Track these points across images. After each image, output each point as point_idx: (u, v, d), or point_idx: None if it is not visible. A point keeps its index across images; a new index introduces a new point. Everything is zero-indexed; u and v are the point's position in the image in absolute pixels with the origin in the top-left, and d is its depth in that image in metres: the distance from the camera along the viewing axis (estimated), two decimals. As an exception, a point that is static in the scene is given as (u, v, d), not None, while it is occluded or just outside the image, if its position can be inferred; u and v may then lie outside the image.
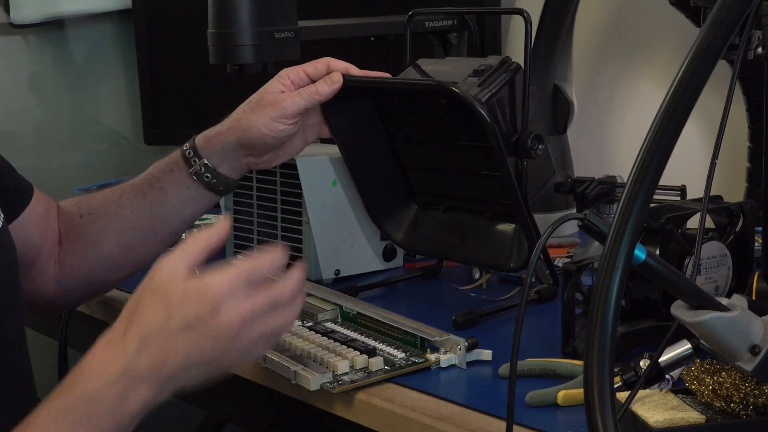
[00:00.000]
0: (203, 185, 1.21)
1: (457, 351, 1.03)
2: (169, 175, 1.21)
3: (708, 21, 0.57)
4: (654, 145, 0.56)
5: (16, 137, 2.00)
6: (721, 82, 0.83)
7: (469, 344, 1.02)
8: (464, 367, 1.02)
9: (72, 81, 2.07)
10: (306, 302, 1.18)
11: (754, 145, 1.41)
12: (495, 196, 1.21)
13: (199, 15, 1.44)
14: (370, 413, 0.96)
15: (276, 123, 1.18)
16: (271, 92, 1.19)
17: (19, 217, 1.17)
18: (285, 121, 1.18)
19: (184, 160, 1.21)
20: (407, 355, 1.04)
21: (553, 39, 1.51)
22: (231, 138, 1.20)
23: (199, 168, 1.20)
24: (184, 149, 1.22)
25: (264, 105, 1.19)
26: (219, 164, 1.21)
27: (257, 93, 1.21)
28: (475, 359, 1.03)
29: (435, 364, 1.03)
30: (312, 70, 1.21)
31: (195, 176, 1.20)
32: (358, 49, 1.67)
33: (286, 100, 1.18)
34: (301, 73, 1.21)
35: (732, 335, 0.71)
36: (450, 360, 1.03)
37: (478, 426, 0.89)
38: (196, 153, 1.21)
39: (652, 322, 1.02)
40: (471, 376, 1.01)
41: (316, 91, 1.19)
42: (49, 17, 1.99)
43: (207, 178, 1.20)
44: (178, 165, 1.21)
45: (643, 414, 0.77)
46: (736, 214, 1.08)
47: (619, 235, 0.56)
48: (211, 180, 1.20)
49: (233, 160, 1.21)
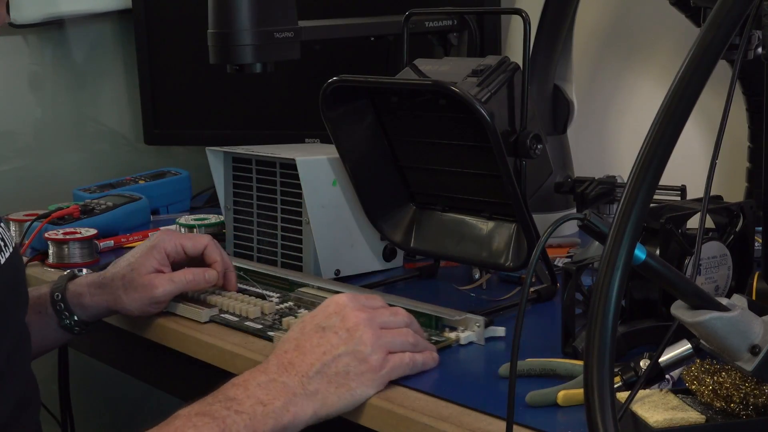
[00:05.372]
0: (68, 332, 1.24)
1: (475, 328, 1.08)
2: (36, 316, 1.22)
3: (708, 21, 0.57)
4: (654, 145, 0.56)
5: (16, 137, 2.00)
6: (721, 82, 0.83)
7: (487, 321, 1.08)
8: (482, 343, 1.08)
9: (72, 81, 2.07)
10: (310, 293, 1.22)
11: (754, 145, 1.41)
12: (494, 196, 1.21)
13: (199, 15, 1.44)
14: (370, 413, 0.96)
15: (147, 307, 1.21)
16: (145, 273, 1.20)
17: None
18: (156, 306, 1.21)
19: (54, 312, 1.23)
20: (428, 335, 1.08)
21: (553, 39, 1.51)
22: (103, 308, 1.23)
23: (69, 322, 1.23)
24: (56, 298, 1.23)
25: (137, 287, 1.20)
26: (87, 319, 1.24)
27: (131, 267, 1.21)
28: (490, 336, 1.09)
29: (455, 342, 1.07)
30: (190, 247, 1.23)
31: (63, 328, 1.24)
32: (358, 49, 1.67)
33: (158, 287, 1.19)
34: (179, 246, 1.23)
35: (732, 335, 0.71)
36: (469, 337, 1.08)
37: (478, 426, 0.88)
38: (67, 307, 1.23)
39: (652, 322, 1.02)
40: (489, 351, 1.07)
41: (190, 281, 1.21)
42: (49, 17, 1.99)
43: (76, 331, 1.24)
44: (47, 313, 1.23)
45: (643, 414, 0.77)
46: (736, 214, 1.08)
47: (619, 235, 0.56)
48: (77, 330, 1.24)
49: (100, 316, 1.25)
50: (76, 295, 1.23)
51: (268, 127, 1.88)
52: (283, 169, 1.35)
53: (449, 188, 1.27)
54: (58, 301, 1.23)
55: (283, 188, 1.36)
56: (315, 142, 1.76)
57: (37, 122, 2.04)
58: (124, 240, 1.56)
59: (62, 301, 1.23)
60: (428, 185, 1.30)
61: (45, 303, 1.23)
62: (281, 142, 1.63)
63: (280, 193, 1.36)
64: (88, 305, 1.23)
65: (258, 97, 1.88)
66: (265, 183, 1.39)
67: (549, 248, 1.37)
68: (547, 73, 1.52)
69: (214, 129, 1.94)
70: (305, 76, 1.77)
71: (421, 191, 1.31)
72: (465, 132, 1.18)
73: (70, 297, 1.23)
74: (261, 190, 1.40)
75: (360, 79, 1.21)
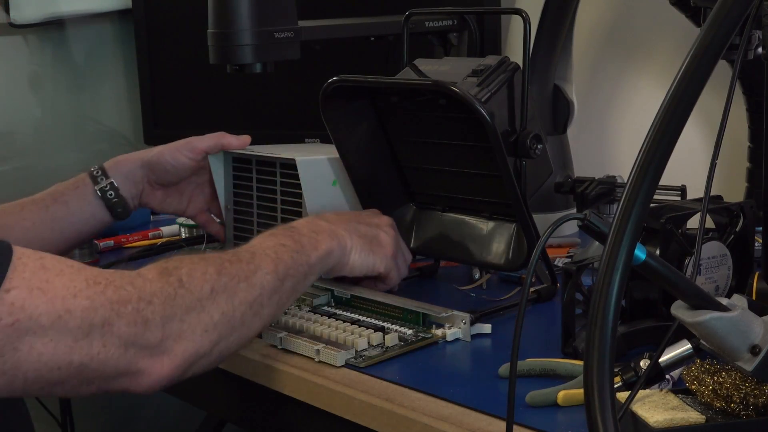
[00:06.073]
0: (104, 203, 1.34)
1: (461, 325, 1.09)
2: (74, 191, 1.34)
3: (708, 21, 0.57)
4: (654, 145, 0.56)
5: (16, 137, 2.00)
6: (721, 82, 0.83)
7: (473, 318, 1.09)
8: (468, 339, 1.08)
9: (72, 81, 2.07)
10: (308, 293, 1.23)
11: (754, 145, 1.41)
12: (494, 196, 1.21)
13: (199, 15, 1.44)
14: (370, 413, 0.96)
15: (179, 154, 1.36)
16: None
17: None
18: (188, 154, 1.37)
19: (90, 179, 1.35)
20: (414, 331, 1.10)
21: (553, 39, 1.51)
22: (137, 160, 1.37)
23: (104, 185, 1.34)
24: (92, 170, 1.36)
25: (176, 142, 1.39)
26: (122, 185, 1.35)
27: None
28: (476, 332, 1.10)
29: (442, 339, 1.08)
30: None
31: (99, 192, 1.34)
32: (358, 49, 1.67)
33: (193, 138, 1.38)
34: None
35: (732, 335, 0.71)
36: (455, 334, 1.09)
37: (478, 426, 0.88)
38: (104, 173, 1.35)
39: (652, 322, 1.02)
40: (475, 348, 1.08)
41: (222, 135, 1.38)
42: (49, 17, 1.99)
43: (110, 195, 1.34)
44: (84, 182, 1.35)
45: (643, 414, 0.77)
46: (736, 214, 1.08)
47: (619, 235, 0.56)
48: (112, 198, 1.34)
49: (134, 184, 1.36)
50: (113, 161, 1.37)
51: (268, 127, 1.88)
52: (283, 169, 1.35)
53: (449, 188, 1.27)
54: (95, 169, 1.36)
55: (283, 188, 1.36)
56: (315, 142, 1.76)
57: (37, 122, 2.04)
58: (124, 240, 1.56)
59: (99, 169, 1.36)
60: (428, 185, 1.30)
61: (83, 176, 1.36)
62: (281, 142, 1.63)
63: (280, 193, 1.36)
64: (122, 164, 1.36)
65: (258, 97, 1.88)
66: (265, 183, 1.39)
67: (549, 248, 1.37)
68: (547, 73, 1.52)
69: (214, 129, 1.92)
70: (305, 76, 1.76)
71: (421, 191, 1.31)
72: (465, 132, 1.18)
73: (107, 164, 1.37)
74: (261, 190, 1.40)
75: (360, 79, 1.21)
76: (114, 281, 0.88)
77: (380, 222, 1.21)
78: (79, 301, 0.85)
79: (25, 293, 0.82)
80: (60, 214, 1.32)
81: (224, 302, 0.95)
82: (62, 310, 0.84)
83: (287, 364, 1.06)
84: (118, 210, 1.35)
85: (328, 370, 1.03)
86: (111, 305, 0.86)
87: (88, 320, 0.85)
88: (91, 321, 0.85)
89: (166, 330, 0.90)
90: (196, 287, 0.93)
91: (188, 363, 0.92)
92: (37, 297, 0.83)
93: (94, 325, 0.85)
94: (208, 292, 0.93)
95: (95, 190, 1.34)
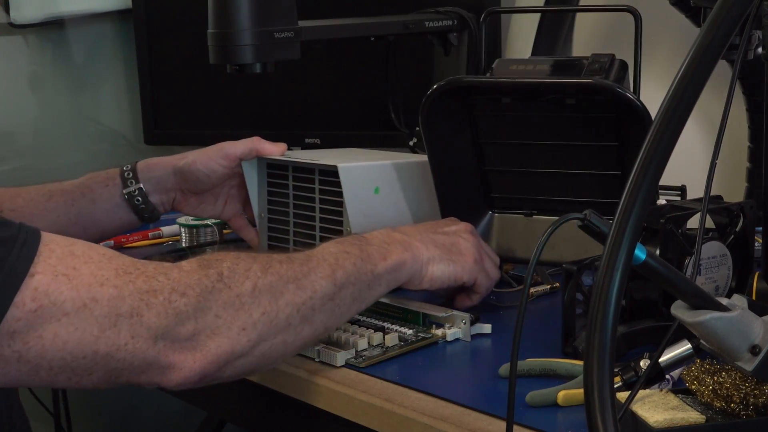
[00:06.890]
0: (131, 208, 1.32)
1: (461, 325, 1.09)
2: (103, 188, 1.31)
3: (708, 21, 0.57)
4: (654, 145, 0.56)
5: (16, 137, 2.00)
6: (721, 82, 0.83)
7: (473, 318, 1.09)
8: (469, 339, 1.09)
9: (72, 81, 2.07)
10: None
11: (754, 145, 1.41)
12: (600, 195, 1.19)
13: (199, 15, 1.44)
14: (370, 413, 0.96)
15: (212, 161, 1.32)
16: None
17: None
18: (221, 162, 1.32)
19: (121, 179, 1.32)
20: (414, 331, 1.10)
21: (553, 39, 1.51)
22: (169, 167, 1.33)
23: (133, 190, 1.31)
24: (124, 170, 1.33)
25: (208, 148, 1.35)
26: (151, 192, 1.33)
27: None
28: (476, 332, 1.10)
29: (442, 339, 1.09)
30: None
31: (127, 196, 1.31)
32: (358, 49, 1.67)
33: (226, 144, 1.34)
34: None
35: (732, 335, 0.71)
36: (455, 334, 1.09)
37: (478, 426, 0.88)
38: (134, 175, 1.32)
39: (652, 322, 1.02)
40: (475, 348, 1.08)
41: (257, 141, 1.32)
42: (49, 17, 1.99)
43: (138, 201, 1.32)
44: (114, 182, 1.32)
45: (643, 414, 0.77)
46: (736, 214, 1.08)
47: (619, 235, 0.56)
48: (140, 204, 1.32)
49: (164, 192, 1.34)
50: (145, 163, 1.35)
51: (268, 127, 1.88)
52: (322, 176, 1.29)
53: (543, 190, 1.24)
54: (126, 170, 1.33)
55: (322, 196, 1.29)
56: (315, 142, 1.76)
57: (37, 122, 2.04)
58: (124, 240, 1.56)
59: (131, 171, 1.33)
60: (515, 189, 1.26)
61: (114, 175, 1.33)
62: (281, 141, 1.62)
63: (318, 201, 1.30)
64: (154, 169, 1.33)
65: (258, 97, 1.88)
66: (303, 190, 1.32)
67: (549, 248, 1.36)
68: (548, 73, 1.52)
69: (214, 129, 1.93)
70: (305, 76, 1.77)
71: (505, 195, 1.28)
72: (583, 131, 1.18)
73: (140, 165, 1.34)
74: (298, 198, 1.33)
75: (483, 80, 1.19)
76: (147, 271, 0.86)
77: (458, 229, 1.15)
78: (106, 289, 0.82)
79: (49, 278, 0.80)
80: (86, 211, 1.30)
81: (267, 302, 0.90)
82: (87, 297, 0.81)
83: (287, 364, 1.05)
84: (145, 215, 1.34)
85: (328, 370, 1.03)
86: (140, 295, 0.84)
87: (115, 309, 0.82)
88: (118, 310, 0.82)
89: (200, 324, 0.86)
90: (236, 283, 0.89)
91: (223, 361, 0.88)
92: (62, 283, 0.81)
93: (121, 315, 0.82)
94: (249, 289, 0.89)
95: (123, 193, 1.32)
